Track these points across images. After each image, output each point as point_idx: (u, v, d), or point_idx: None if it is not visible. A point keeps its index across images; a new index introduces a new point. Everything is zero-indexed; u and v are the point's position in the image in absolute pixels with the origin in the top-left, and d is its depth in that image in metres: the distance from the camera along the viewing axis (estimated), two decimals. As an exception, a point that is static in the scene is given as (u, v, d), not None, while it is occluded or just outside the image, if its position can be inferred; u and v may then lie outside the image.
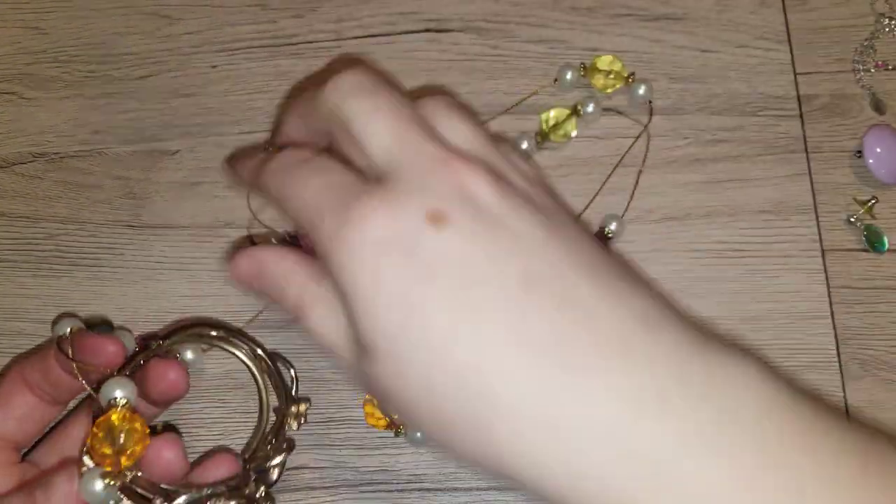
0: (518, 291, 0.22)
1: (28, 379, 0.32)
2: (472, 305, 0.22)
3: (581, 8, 0.45)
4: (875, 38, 0.43)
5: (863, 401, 0.37)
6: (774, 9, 0.44)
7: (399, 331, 0.23)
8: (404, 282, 0.23)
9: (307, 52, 0.45)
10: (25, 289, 0.41)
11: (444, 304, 0.22)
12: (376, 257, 0.23)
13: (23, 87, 0.45)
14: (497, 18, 0.45)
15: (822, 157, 0.41)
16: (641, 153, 0.42)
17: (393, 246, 0.23)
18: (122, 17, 0.46)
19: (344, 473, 0.38)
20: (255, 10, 0.46)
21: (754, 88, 0.43)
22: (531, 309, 0.22)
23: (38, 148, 0.44)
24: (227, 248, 0.41)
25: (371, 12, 0.46)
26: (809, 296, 0.39)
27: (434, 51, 0.45)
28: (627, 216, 0.41)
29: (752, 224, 0.40)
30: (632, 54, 0.44)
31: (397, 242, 0.23)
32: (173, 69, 0.45)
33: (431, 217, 0.23)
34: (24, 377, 0.32)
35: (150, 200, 0.43)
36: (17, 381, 0.32)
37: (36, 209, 0.43)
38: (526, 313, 0.22)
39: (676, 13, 0.44)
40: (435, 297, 0.23)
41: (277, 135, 0.34)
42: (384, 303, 0.23)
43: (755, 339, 0.38)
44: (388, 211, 0.24)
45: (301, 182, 0.26)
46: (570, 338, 0.22)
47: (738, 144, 0.42)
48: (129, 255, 0.42)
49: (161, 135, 0.44)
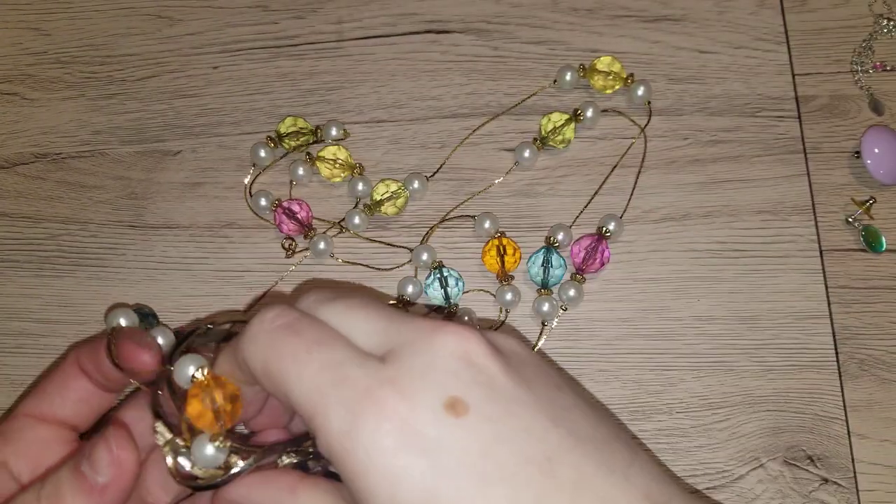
0: (539, 478, 0.22)
1: (83, 367, 0.32)
2: (499, 498, 0.22)
3: (581, 9, 0.45)
4: (873, 39, 0.44)
5: (861, 400, 0.38)
6: (773, 10, 0.44)
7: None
8: (428, 481, 0.22)
9: (308, 53, 0.45)
10: (28, 288, 0.41)
11: (474, 499, 0.22)
12: (396, 457, 0.22)
13: (25, 88, 0.45)
14: (497, 20, 0.45)
15: (821, 158, 0.42)
16: (640, 154, 0.42)
17: (413, 443, 0.22)
18: (123, 18, 0.46)
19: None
20: (257, 12, 0.46)
21: (753, 89, 0.43)
22: (551, 495, 0.22)
23: (40, 148, 0.44)
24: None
25: (372, 14, 0.46)
26: (808, 295, 0.39)
27: (434, 52, 0.45)
28: (626, 216, 0.41)
29: (751, 224, 0.41)
30: (631, 55, 0.44)
31: (417, 439, 0.22)
32: (175, 70, 0.45)
33: (450, 406, 0.23)
34: (80, 364, 0.32)
35: (151, 201, 0.43)
36: (74, 367, 0.32)
37: (38, 209, 0.43)
38: (546, 500, 0.22)
39: (675, 14, 0.45)
40: (464, 493, 0.22)
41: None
42: (407, 501, 0.22)
43: (754, 339, 0.39)
44: (404, 404, 0.22)
45: (294, 358, 0.24)
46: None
47: (736, 145, 0.42)
48: (130, 255, 0.42)
49: (162, 135, 0.44)
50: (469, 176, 0.42)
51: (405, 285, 0.40)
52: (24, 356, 0.40)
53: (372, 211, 0.41)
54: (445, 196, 0.42)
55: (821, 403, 0.38)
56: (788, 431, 0.37)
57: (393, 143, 0.43)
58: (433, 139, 0.43)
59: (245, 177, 0.43)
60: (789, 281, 0.39)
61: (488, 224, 0.41)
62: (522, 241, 0.41)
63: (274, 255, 0.41)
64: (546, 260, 0.40)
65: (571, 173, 0.42)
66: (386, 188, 0.41)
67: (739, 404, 0.38)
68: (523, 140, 0.43)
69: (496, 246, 0.40)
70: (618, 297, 0.40)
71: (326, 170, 0.42)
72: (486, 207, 0.42)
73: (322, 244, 0.41)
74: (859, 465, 0.37)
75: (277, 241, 0.42)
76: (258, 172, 0.43)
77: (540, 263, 0.40)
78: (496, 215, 0.41)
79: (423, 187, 0.42)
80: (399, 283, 0.40)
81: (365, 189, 0.42)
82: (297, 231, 0.41)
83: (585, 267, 0.40)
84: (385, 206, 0.41)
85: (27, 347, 0.40)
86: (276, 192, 0.42)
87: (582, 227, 0.41)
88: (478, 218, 0.41)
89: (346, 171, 0.42)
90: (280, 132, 0.43)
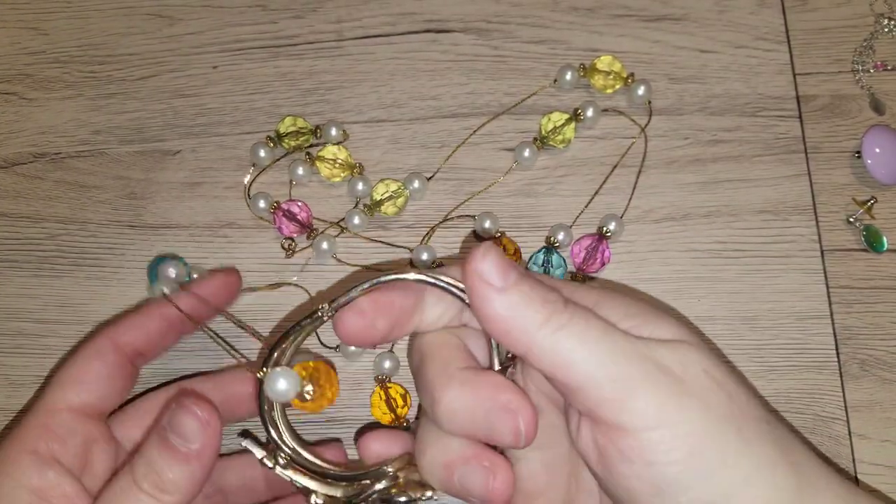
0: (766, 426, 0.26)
1: (122, 341, 0.33)
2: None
3: (581, 8, 0.45)
4: (874, 38, 0.43)
5: (862, 400, 0.37)
6: (774, 9, 0.44)
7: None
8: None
9: (308, 52, 0.45)
10: (27, 288, 0.41)
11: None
12: None
13: (24, 88, 0.45)
14: (497, 19, 0.45)
15: (822, 158, 0.42)
16: (641, 153, 0.42)
17: None
18: (123, 17, 0.46)
19: (344, 473, 0.38)
20: (256, 11, 0.46)
21: (754, 89, 0.43)
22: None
23: (39, 148, 0.44)
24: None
25: (371, 13, 0.46)
26: (809, 296, 0.39)
27: (434, 51, 0.45)
28: (627, 216, 0.41)
29: (752, 224, 0.40)
30: (632, 55, 0.44)
31: None
32: (174, 70, 0.45)
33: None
34: (116, 341, 0.33)
35: (150, 200, 0.43)
36: (106, 347, 0.33)
37: (37, 209, 0.43)
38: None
39: (676, 14, 0.45)
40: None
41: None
42: None
43: (755, 339, 0.39)
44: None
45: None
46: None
47: (737, 145, 0.42)
48: (129, 255, 0.42)
49: (162, 135, 0.44)
50: (469, 176, 0.42)
51: (405, 285, 0.40)
52: (22, 356, 0.40)
53: (372, 211, 0.41)
54: (445, 196, 0.42)
55: (822, 404, 0.37)
56: (789, 432, 0.37)
57: (393, 143, 0.43)
58: (433, 139, 0.43)
59: (245, 177, 0.43)
60: (790, 281, 0.39)
61: (488, 224, 0.40)
62: (522, 241, 0.41)
63: (274, 255, 0.41)
64: (546, 260, 0.40)
65: (571, 173, 0.42)
66: (386, 188, 0.41)
67: (740, 405, 0.38)
68: (523, 140, 0.42)
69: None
70: (618, 297, 0.40)
71: (326, 170, 0.42)
72: (487, 207, 0.41)
73: (325, 244, 0.41)
74: (860, 466, 0.37)
75: (277, 241, 0.41)
76: (258, 172, 0.43)
77: (540, 263, 0.40)
78: (496, 215, 0.41)
79: (423, 187, 0.42)
80: (399, 284, 0.40)
81: (365, 189, 0.42)
82: (298, 232, 0.41)
83: (586, 267, 0.40)
84: (385, 206, 0.41)
85: (26, 347, 0.40)
86: (275, 192, 0.42)
87: (582, 227, 0.41)
88: (478, 218, 0.41)
89: (346, 170, 0.42)
90: (280, 132, 0.43)
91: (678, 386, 0.24)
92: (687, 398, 0.24)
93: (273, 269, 0.41)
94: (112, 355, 0.33)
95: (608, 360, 0.24)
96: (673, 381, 0.24)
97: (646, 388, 0.24)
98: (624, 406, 0.24)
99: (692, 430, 0.24)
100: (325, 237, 0.41)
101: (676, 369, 0.25)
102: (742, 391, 0.25)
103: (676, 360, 0.25)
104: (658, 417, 0.24)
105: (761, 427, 0.25)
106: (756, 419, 0.25)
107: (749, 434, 0.24)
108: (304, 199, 0.42)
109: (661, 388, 0.24)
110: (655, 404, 0.24)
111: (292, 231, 0.41)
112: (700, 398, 0.24)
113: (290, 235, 0.41)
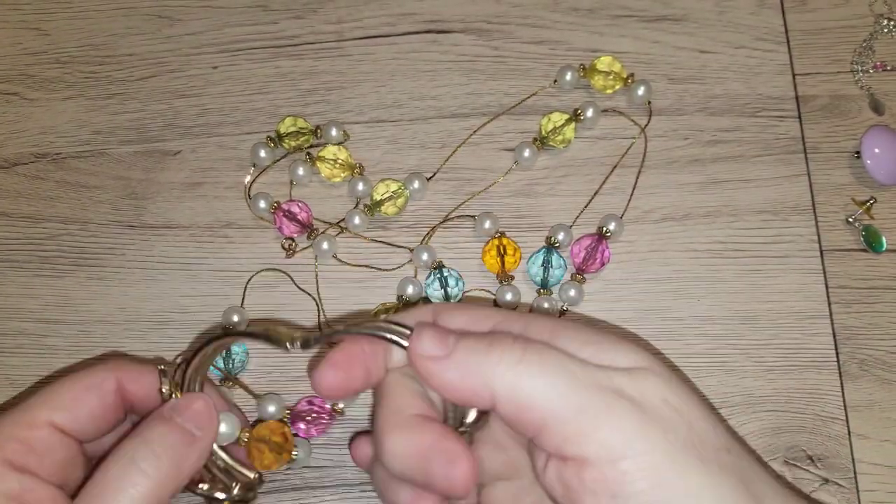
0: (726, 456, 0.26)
1: (126, 387, 0.32)
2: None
3: (581, 9, 0.45)
4: (873, 39, 0.44)
5: (861, 400, 0.38)
6: (773, 10, 0.44)
7: None
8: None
9: (308, 53, 0.45)
10: (28, 288, 0.41)
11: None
12: None
13: (24, 88, 0.45)
14: (498, 19, 0.45)
15: (821, 158, 0.42)
16: (640, 154, 0.42)
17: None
18: (123, 18, 0.46)
19: (344, 473, 0.38)
20: (256, 12, 0.46)
21: (753, 89, 0.43)
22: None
23: (40, 148, 0.44)
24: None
25: (372, 13, 0.46)
26: (808, 296, 0.39)
27: (435, 52, 0.45)
28: (627, 216, 0.41)
29: (751, 224, 0.40)
30: (631, 55, 0.44)
31: None
32: (174, 70, 0.45)
33: None
34: (120, 382, 0.32)
35: (151, 201, 0.43)
36: (108, 386, 0.32)
37: (38, 209, 0.43)
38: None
39: (676, 14, 0.45)
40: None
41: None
42: None
43: (754, 339, 0.39)
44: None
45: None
46: None
47: (737, 145, 0.42)
48: (130, 255, 0.42)
49: (162, 135, 0.44)
50: (469, 176, 0.42)
51: (405, 285, 0.40)
52: (23, 356, 0.40)
53: (372, 211, 0.41)
54: (445, 196, 0.42)
55: (821, 403, 0.38)
56: (789, 432, 0.37)
57: (393, 143, 0.43)
58: (433, 139, 0.43)
59: (245, 177, 0.43)
60: (790, 281, 0.39)
61: (488, 224, 0.40)
62: (522, 241, 0.41)
63: (274, 255, 0.41)
64: (546, 260, 0.40)
65: (571, 173, 0.42)
66: (386, 188, 0.41)
67: (740, 404, 0.38)
68: (523, 140, 0.42)
69: (496, 246, 0.40)
70: (618, 297, 0.40)
71: (326, 170, 0.42)
72: (487, 207, 0.42)
73: (325, 244, 0.41)
74: (860, 466, 0.37)
75: (278, 241, 0.41)
76: (258, 172, 0.43)
77: (540, 263, 0.40)
78: (496, 215, 0.41)
79: (423, 187, 0.42)
80: (399, 284, 0.40)
81: (365, 189, 0.42)
82: (298, 232, 0.41)
83: (585, 267, 0.40)
84: (385, 206, 0.41)
85: (26, 347, 0.40)
86: (276, 193, 0.42)
87: (582, 227, 0.41)
88: (478, 218, 0.41)
89: (346, 171, 0.42)
90: (280, 132, 0.43)
91: (639, 415, 0.24)
92: (649, 427, 0.24)
93: (273, 270, 0.41)
94: (111, 396, 0.32)
95: (568, 391, 0.25)
96: (634, 409, 0.24)
97: (608, 418, 0.24)
98: (589, 438, 0.24)
99: (655, 461, 0.24)
100: (326, 237, 0.41)
101: (637, 397, 0.25)
102: (702, 418, 0.25)
103: (636, 388, 0.25)
104: (622, 449, 0.24)
105: (721, 458, 0.25)
106: (716, 449, 0.25)
107: (711, 465, 0.24)
108: (304, 199, 0.42)
109: (624, 418, 0.24)
110: (619, 435, 0.24)
111: (293, 231, 0.41)
112: (661, 427, 0.24)
113: (290, 235, 0.41)
